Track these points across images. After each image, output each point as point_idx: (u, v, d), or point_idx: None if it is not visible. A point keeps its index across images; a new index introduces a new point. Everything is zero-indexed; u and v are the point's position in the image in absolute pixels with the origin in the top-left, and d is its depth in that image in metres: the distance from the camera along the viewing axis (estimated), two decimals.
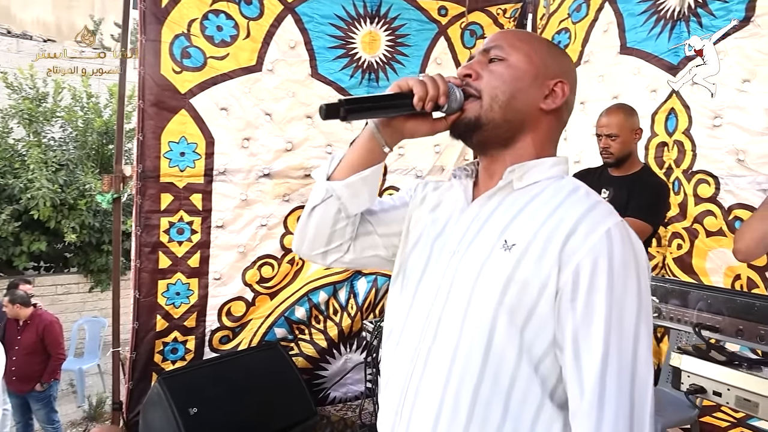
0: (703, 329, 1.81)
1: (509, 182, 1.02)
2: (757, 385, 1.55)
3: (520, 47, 1.04)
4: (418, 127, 1.06)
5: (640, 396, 0.86)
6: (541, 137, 1.06)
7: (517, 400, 0.92)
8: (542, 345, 0.91)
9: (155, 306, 3.41)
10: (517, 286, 0.91)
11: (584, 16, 3.79)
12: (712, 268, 3.08)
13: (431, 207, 1.16)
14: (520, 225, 0.96)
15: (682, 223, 3.21)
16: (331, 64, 3.78)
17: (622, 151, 2.85)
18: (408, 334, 1.05)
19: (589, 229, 0.90)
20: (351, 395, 4.03)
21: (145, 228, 3.36)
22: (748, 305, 1.73)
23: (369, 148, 1.08)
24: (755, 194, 2.85)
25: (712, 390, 1.65)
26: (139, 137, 3.30)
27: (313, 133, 3.77)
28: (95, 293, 8.59)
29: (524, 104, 1.02)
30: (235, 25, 3.50)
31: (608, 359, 0.86)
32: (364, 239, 1.19)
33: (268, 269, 3.72)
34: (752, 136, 2.86)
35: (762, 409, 1.53)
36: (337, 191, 1.08)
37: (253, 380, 3.28)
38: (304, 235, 1.16)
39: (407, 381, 1.01)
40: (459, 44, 4.12)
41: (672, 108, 3.23)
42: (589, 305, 0.87)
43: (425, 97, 0.98)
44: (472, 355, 0.94)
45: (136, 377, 3.38)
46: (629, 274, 0.88)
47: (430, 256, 1.07)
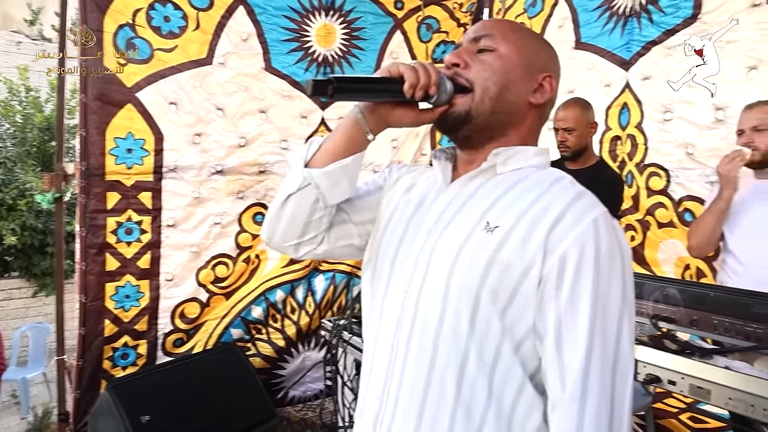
0: (659, 320, 1.86)
1: (492, 165, 1.00)
2: (710, 373, 1.59)
3: (511, 38, 1.02)
4: (404, 116, 1.01)
5: (621, 388, 0.86)
6: (526, 131, 1.05)
7: (501, 378, 0.90)
8: (523, 328, 0.89)
9: (103, 310, 3.26)
10: (500, 267, 0.89)
11: (539, 11, 3.84)
12: (664, 258, 3.16)
13: (405, 188, 1.13)
14: (504, 208, 0.94)
15: (635, 215, 3.29)
16: (285, 58, 3.69)
17: (578, 145, 2.90)
18: (387, 318, 1.02)
19: (576, 217, 0.88)
20: (310, 394, 3.97)
21: (91, 229, 3.21)
22: (702, 296, 1.79)
23: (351, 134, 1.02)
24: (704, 186, 2.94)
25: (667, 379, 1.69)
26: (82, 133, 3.15)
27: (267, 129, 3.68)
28: (39, 298, 8.25)
29: (514, 97, 1.01)
30: (183, 16, 3.37)
31: (592, 351, 0.84)
32: (338, 229, 1.13)
33: (223, 269, 3.61)
34: (700, 130, 2.94)
35: (714, 395, 1.58)
36: (316, 179, 1.02)
37: (209, 384, 3.18)
38: (277, 225, 1.09)
39: (391, 365, 0.99)
40: (415, 38, 4.10)
41: (625, 102, 3.31)
42: (575, 294, 0.85)
43: (416, 84, 0.94)
44: (456, 339, 0.91)
45: (84, 386, 3.22)
46: (614, 264, 0.87)
47: (403, 237, 1.04)
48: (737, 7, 2.78)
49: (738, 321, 1.67)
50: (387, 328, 1.01)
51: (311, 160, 1.04)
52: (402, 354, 0.97)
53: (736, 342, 1.67)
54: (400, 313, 0.98)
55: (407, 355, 0.96)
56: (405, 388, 0.96)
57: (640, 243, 3.25)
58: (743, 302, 1.69)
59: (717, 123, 2.87)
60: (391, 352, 0.99)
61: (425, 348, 0.94)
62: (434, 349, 0.93)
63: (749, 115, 2.41)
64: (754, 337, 1.64)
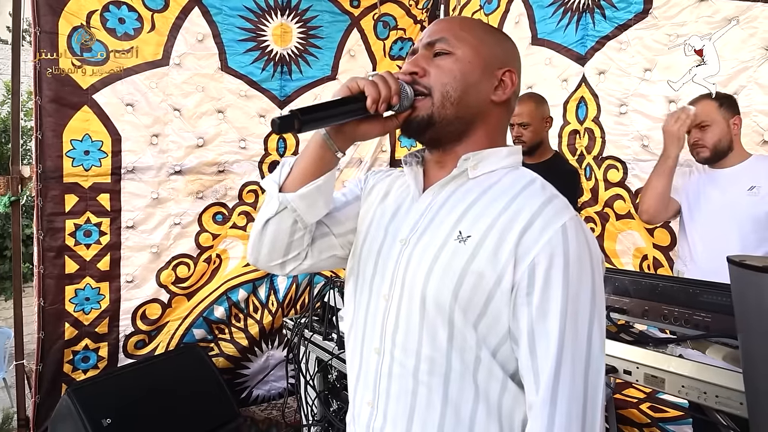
0: (612, 311, 1.90)
1: (463, 171, 1.01)
2: (663, 362, 1.62)
3: (466, 38, 1.01)
4: (370, 129, 1.02)
5: (593, 390, 0.87)
6: (493, 128, 1.05)
7: (484, 378, 0.92)
8: (496, 337, 0.92)
9: (63, 313, 3.24)
10: (473, 277, 0.90)
11: (496, 8, 3.87)
12: (622, 249, 3.21)
13: (381, 197, 1.14)
14: (475, 216, 0.95)
15: (594, 207, 3.34)
16: (242, 57, 3.69)
17: (534, 139, 2.94)
18: (371, 328, 1.04)
19: (545, 223, 0.89)
20: (274, 393, 3.98)
21: (48, 231, 3.18)
22: (652, 286, 1.83)
23: (321, 155, 1.02)
24: None
25: (623, 369, 1.71)
26: (38, 136, 3.12)
27: (225, 128, 3.69)
28: None
29: (476, 99, 1.01)
30: (138, 18, 3.36)
31: (563, 354, 0.86)
32: (321, 242, 1.14)
33: (184, 269, 3.61)
34: (654, 122, 2.99)
35: (668, 384, 1.60)
36: (292, 203, 1.03)
37: (172, 385, 3.17)
38: (260, 248, 1.10)
39: (378, 372, 1.01)
40: (372, 36, 4.12)
41: (582, 96, 3.35)
42: (545, 300, 0.87)
43: (378, 99, 0.94)
44: (436, 346, 0.93)
45: (44, 390, 3.19)
46: (584, 270, 0.88)
47: (381, 247, 1.06)
48: (685, 1, 2.83)
49: (687, 310, 1.71)
50: (373, 334, 1.03)
51: (284, 183, 1.04)
52: (388, 362, 0.99)
53: (687, 331, 1.71)
54: (384, 322, 1.00)
55: (392, 364, 0.98)
56: (393, 394, 0.98)
57: (599, 235, 3.30)
58: (691, 292, 1.72)
59: None
60: (379, 359, 1.01)
61: (409, 360, 0.96)
62: (417, 361, 0.95)
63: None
64: (702, 325, 1.68)
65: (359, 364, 1.06)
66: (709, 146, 2.42)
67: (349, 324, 1.12)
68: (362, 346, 1.06)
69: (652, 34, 2.98)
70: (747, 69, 2.62)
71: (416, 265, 0.96)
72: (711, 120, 2.40)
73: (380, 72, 0.97)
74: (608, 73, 3.20)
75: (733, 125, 2.40)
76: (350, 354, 1.11)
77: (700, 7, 2.80)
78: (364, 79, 0.96)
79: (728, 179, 2.42)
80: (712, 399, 1.50)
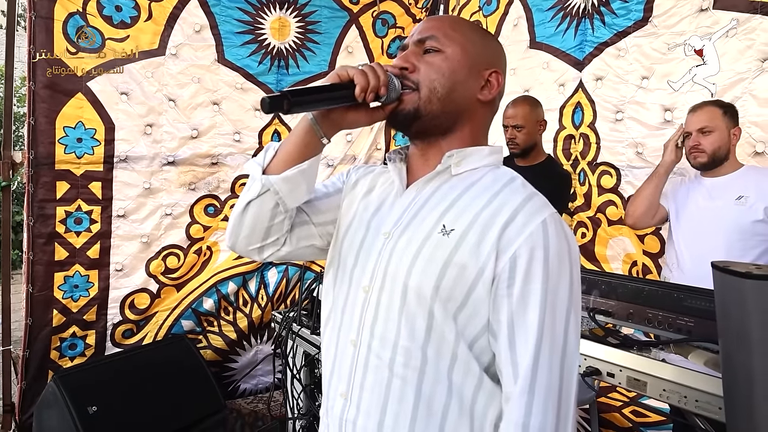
0: (597, 314, 1.91)
1: (447, 167, 1.03)
2: (645, 366, 1.62)
3: (456, 38, 1.03)
4: (357, 118, 1.04)
5: (568, 381, 0.90)
6: (477, 127, 1.07)
7: (459, 375, 0.94)
8: (474, 329, 0.94)
9: (51, 300, 3.24)
10: (456, 269, 0.92)
11: (495, 9, 3.87)
12: (612, 255, 3.22)
13: (364, 192, 1.15)
14: (459, 210, 0.97)
15: (586, 212, 3.34)
16: (239, 50, 3.69)
17: (527, 142, 2.95)
18: (348, 320, 1.04)
19: (526, 218, 0.92)
20: (261, 387, 3.99)
21: (39, 218, 3.18)
22: (638, 290, 1.84)
23: (307, 140, 1.04)
24: None
25: (606, 371, 1.71)
26: (31, 121, 3.11)
27: (220, 120, 3.69)
28: None
29: (462, 96, 1.03)
30: (135, 6, 3.35)
31: (541, 345, 0.88)
32: (299, 230, 1.15)
33: (174, 260, 3.61)
34: (650, 130, 3.00)
35: (650, 387, 1.61)
36: (275, 186, 1.03)
37: (159, 375, 3.17)
38: (239, 231, 1.10)
39: (353, 364, 1.02)
40: (371, 33, 4.12)
41: (578, 102, 3.35)
42: (526, 293, 0.89)
43: (367, 88, 0.96)
44: (414, 338, 0.95)
45: (30, 376, 3.19)
46: (563, 264, 0.91)
47: (363, 240, 1.07)
48: (685, 11, 2.84)
49: (671, 314, 1.73)
50: (350, 326, 1.03)
51: (268, 166, 1.05)
52: (364, 353, 1.00)
53: (670, 335, 1.73)
54: (362, 313, 1.01)
55: (369, 355, 0.99)
56: (368, 386, 0.99)
57: (591, 239, 3.30)
58: (676, 296, 1.74)
59: (665, 124, 2.93)
60: (355, 351, 1.01)
61: (386, 351, 0.97)
62: (393, 353, 0.96)
63: (694, 117, 2.46)
64: (685, 330, 1.70)
65: (334, 355, 1.07)
66: (708, 152, 2.41)
67: (326, 316, 1.12)
68: (338, 338, 1.06)
69: (651, 42, 2.99)
70: (743, 80, 2.62)
71: (399, 257, 0.98)
72: (714, 126, 2.39)
73: (371, 63, 0.99)
74: (605, 79, 3.21)
75: (733, 135, 2.41)
76: (326, 346, 1.11)
77: (699, 17, 2.80)
78: (354, 68, 0.98)
79: (718, 188, 2.43)
80: (692, 403, 1.50)
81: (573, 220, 3.40)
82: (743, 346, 1.24)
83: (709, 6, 2.76)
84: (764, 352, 1.19)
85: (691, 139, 2.45)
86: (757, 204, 2.29)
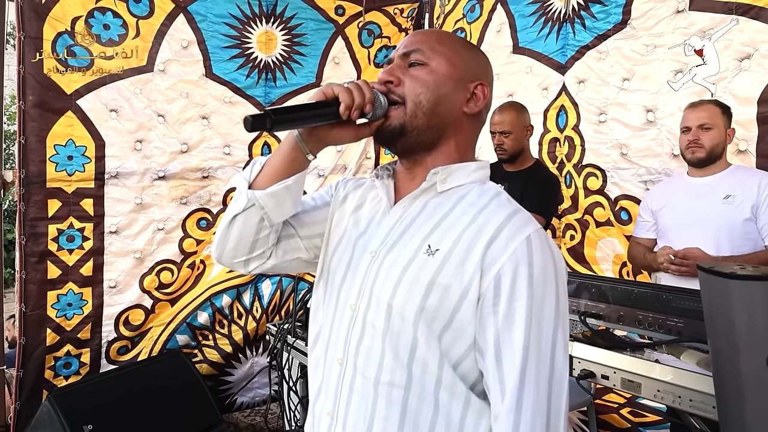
0: (588, 317, 1.93)
1: (432, 184, 1.02)
2: (639, 367, 1.64)
3: (441, 51, 1.03)
4: (342, 135, 1.03)
5: (557, 397, 0.89)
6: (463, 140, 1.06)
7: (446, 395, 0.94)
8: (460, 349, 0.93)
9: (45, 319, 3.23)
10: (440, 289, 0.92)
11: (478, 16, 3.91)
12: (602, 256, 3.24)
13: (353, 208, 1.14)
14: (444, 229, 0.97)
15: (574, 214, 3.36)
16: (227, 64, 3.71)
17: (515, 148, 2.97)
18: (335, 338, 1.04)
19: (510, 235, 0.91)
20: (259, 399, 3.97)
21: (31, 236, 3.18)
22: (627, 292, 1.87)
23: (292, 156, 1.03)
24: (637, 185, 3.04)
25: (601, 374, 1.73)
26: (21, 140, 3.12)
27: (210, 134, 3.70)
28: None
29: (448, 110, 1.02)
30: (123, 24, 3.38)
31: (527, 363, 0.88)
32: (286, 243, 1.15)
33: (168, 274, 3.61)
34: (633, 131, 3.04)
35: (644, 388, 1.62)
36: (260, 201, 1.03)
37: (155, 391, 3.16)
38: (225, 244, 1.10)
39: (339, 385, 1.01)
40: (357, 44, 4.15)
41: (562, 105, 3.38)
42: (511, 311, 0.89)
43: (351, 105, 0.95)
44: (399, 357, 0.95)
45: (25, 396, 3.18)
46: (548, 280, 0.91)
47: (351, 258, 1.06)
48: (662, 13, 2.89)
49: (661, 316, 1.75)
50: (337, 344, 1.03)
51: (254, 181, 1.05)
52: (350, 371, 0.99)
53: (661, 336, 1.75)
54: (349, 332, 1.01)
55: (354, 374, 0.99)
56: (353, 404, 0.98)
57: (580, 242, 3.33)
58: (664, 297, 1.76)
59: (648, 124, 2.97)
60: (341, 369, 1.01)
61: (371, 369, 0.97)
62: (378, 371, 0.96)
63: (695, 113, 2.47)
64: (675, 330, 1.72)
65: (322, 374, 1.07)
66: (707, 147, 2.43)
67: (315, 333, 1.12)
68: (326, 356, 1.06)
69: (631, 45, 3.03)
70: (722, 80, 2.67)
71: (384, 277, 0.98)
72: (714, 123, 2.41)
73: (356, 80, 0.99)
74: (588, 82, 3.24)
75: (728, 135, 2.45)
76: (313, 363, 1.11)
77: (676, 19, 2.85)
78: (339, 85, 0.97)
79: (705, 188, 2.46)
80: (686, 403, 1.52)
81: (561, 223, 3.42)
82: (731, 345, 1.26)
83: (686, 7, 2.81)
84: (751, 350, 1.22)
85: (691, 134, 2.46)
86: (745, 203, 2.32)
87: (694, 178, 2.53)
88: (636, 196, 3.03)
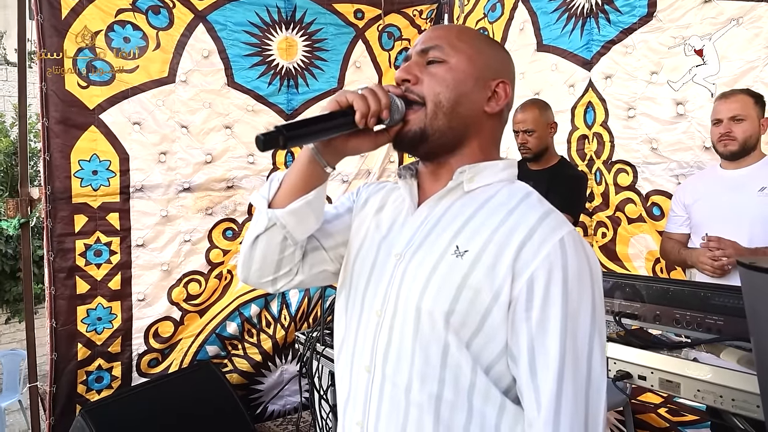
0: (623, 317, 1.86)
1: (459, 184, 0.98)
2: (678, 367, 1.58)
3: (461, 47, 0.98)
4: (360, 145, 0.98)
5: (594, 408, 0.86)
6: (486, 140, 1.02)
7: (480, 400, 0.90)
8: (491, 354, 0.89)
9: (75, 334, 3.24)
10: (470, 292, 0.88)
11: (500, 15, 3.87)
12: (635, 253, 3.18)
13: (375, 210, 1.11)
14: (473, 230, 0.92)
15: (605, 212, 3.31)
16: (248, 72, 3.70)
17: (539, 146, 2.91)
18: (361, 345, 1.00)
19: (543, 238, 0.87)
20: (290, 407, 3.96)
21: (59, 252, 3.19)
22: (663, 291, 1.79)
23: (310, 171, 0.99)
24: (669, 180, 2.99)
25: (638, 374, 1.68)
26: (46, 157, 3.13)
27: (233, 144, 3.69)
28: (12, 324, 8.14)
29: (469, 109, 0.98)
30: (143, 36, 3.38)
31: (564, 372, 0.84)
32: (312, 256, 1.10)
33: (195, 286, 3.61)
34: (663, 125, 2.98)
35: (684, 388, 1.57)
36: (281, 219, 0.99)
37: (186, 403, 3.16)
38: (250, 264, 1.06)
39: (368, 391, 0.97)
40: (377, 47, 4.12)
41: (589, 101, 3.33)
42: (545, 317, 0.85)
43: (367, 113, 0.91)
44: (430, 362, 0.90)
45: (58, 412, 3.20)
46: (584, 284, 0.86)
47: (375, 262, 1.02)
48: (689, 4, 2.84)
49: (699, 314, 1.67)
50: (363, 351, 0.99)
51: (274, 199, 1.01)
52: (379, 379, 0.96)
53: (699, 335, 1.68)
54: (375, 338, 0.97)
55: (384, 381, 0.95)
56: (384, 414, 0.95)
57: (611, 239, 3.28)
58: (702, 295, 1.68)
59: (678, 117, 2.91)
60: (369, 377, 0.97)
61: (401, 376, 0.93)
62: (409, 378, 0.92)
63: (726, 105, 2.40)
64: (714, 329, 1.64)
65: (349, 383, 1.03)
66: (740, 140, 2.36)
67: (339, 341, 1.08)
68: (352, 365, 1.02)
69: (658, 37, 2.98)
70: (753, 69, 2.61)
71: (411, 280, 0.94)
72: (746, 114, 2.35)
73: (370, 85, 0.94)
74: (615, 77, 3.19)
75: (762, 125, 2.37)
76: (340, 373, 1.06)
77: (704, 9, 2.80)
78: (353, 92, 0.93)
79: (740, 180, 2.40)
80: (728, 402, 1.46)
81: (592, 221, 3.37)
82: None
83: None
84: None
85: (722, 126, 2.40)
86: None
87: (727, 171, 2.46)
88: (668, 190, 2.97)
